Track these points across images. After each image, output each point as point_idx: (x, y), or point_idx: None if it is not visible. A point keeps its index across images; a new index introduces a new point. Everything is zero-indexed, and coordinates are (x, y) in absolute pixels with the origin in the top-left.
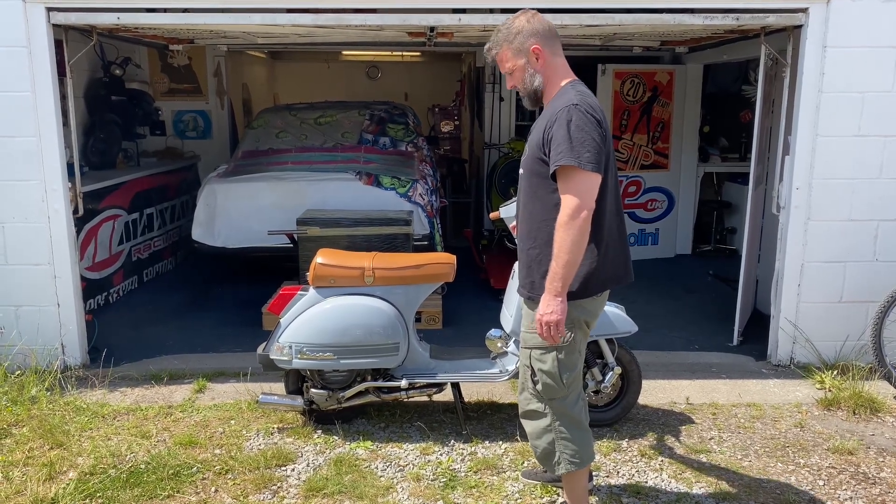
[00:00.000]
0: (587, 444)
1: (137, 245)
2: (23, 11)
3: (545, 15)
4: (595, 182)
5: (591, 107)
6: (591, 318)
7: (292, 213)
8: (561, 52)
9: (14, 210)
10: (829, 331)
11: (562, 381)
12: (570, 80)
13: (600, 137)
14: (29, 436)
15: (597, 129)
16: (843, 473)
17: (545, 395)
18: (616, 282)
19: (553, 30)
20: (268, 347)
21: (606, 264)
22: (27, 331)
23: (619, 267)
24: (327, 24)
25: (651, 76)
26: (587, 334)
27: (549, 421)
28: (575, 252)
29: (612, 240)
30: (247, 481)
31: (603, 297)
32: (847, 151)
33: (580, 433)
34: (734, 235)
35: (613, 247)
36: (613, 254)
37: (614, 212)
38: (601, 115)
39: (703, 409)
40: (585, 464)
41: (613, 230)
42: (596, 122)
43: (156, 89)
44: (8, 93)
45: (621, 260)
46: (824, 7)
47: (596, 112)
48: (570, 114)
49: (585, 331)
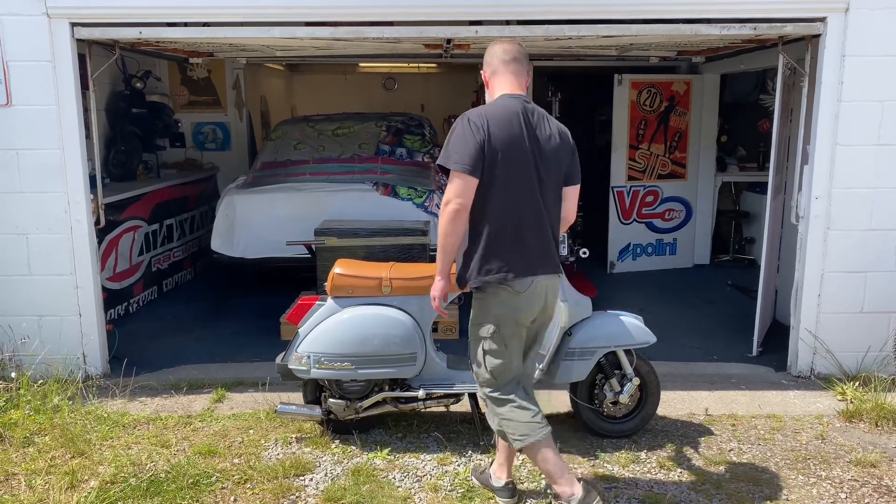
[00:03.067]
0: (528, 422)
1: (157, 256)
2: (48, 26)
3: (562, 26)
4: (464, 181)
5: (482, 115)
6: (513, 312)
7: (310, 224)
8: (506, 71)
9: (38, 221)
10: (850, 341)
11: (488, 371)
12: (502, 94)
13: (479, 143)
14: (51, 444)
15: (476, 136)
16: (866, 486)
17: (480, 383)
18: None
19: (500, 54)
20: (286, 357)
21: (491, 256)
22: (49, 340)
23: (515, 262)
24: (345, 37)
25: (668, 86)
26: (518, 334)
27: (491, 406)
28: (444, 239)
29: (504, 234)
30: (265, 491)
31: (527, 296)
32: (867, 160)
33: (520, 413)
34: (753, 245)
35: (505, 240)
36: (504, 248)
37: (514, 209)
38: (500, 122)
39: (722, 421)
40: (532, 439)
41: (509, 226)
42: (477, 129)
43: (176, 102)
44: (33, 106)
45: (519, 255)
46: (842, 16)
47: (483, 119)
48: (457, 123)
49: (513, 328)
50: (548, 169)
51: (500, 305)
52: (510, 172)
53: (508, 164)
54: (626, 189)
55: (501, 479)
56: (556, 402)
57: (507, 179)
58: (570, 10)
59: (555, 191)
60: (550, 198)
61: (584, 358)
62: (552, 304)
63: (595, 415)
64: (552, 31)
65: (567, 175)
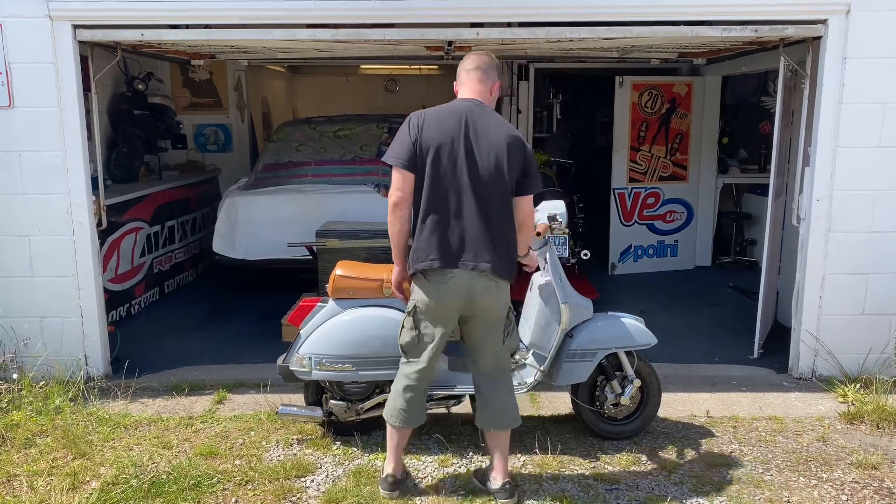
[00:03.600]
0: (398, 407)
1: (159, 257)
2: (50, 29)
3: (563, 29)
4: (399, 175)
5: (422, 115)
6: (429, 300)
7: (312, 226)
8: (467, 79)
9: (40, 223)
10: (851, 343)
11: (399, 341)
12: (459, 98)
13: (413, 140)
14: (53, 445)
15: (410, 133)
16: (867, 488)
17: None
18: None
19: (465, 65)
20: (287, 359)
21: (420, 248)
22: (51, 341)
23: (438, 253)
24: (346, 38)
25: (669, 88)
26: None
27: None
28: (390, 230)
29: (432, 226)
30: (266, 492)
31: (445, 288)
32: (868, 162)
33: (396, 396)
34: (754, 247)
35: (432, 232)
36: (430, 239)
37: (442, 203)
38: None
39: (723, 423)
40: (391, 421)
41: (437, 219)
42: (413, 126)
43: (177, 103)
44: (35, 108)
45: (442, 247)
46: (844, 18)
47: (421, 118)
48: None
49: (430, 315)
50: (488, 170)
51: (421, 291)
52: (440, 169)
53: (439, 160)
54: (627, 191)
55: (498, 480)
56: (558, 403)
57: (437, 175)
58: (571, 13)
59: (500, 194)
60: (493, 200)
61: (586, 360)
62: (487, 305)
63: (596, 416)
64: (553, 33)
65: (518, 184)
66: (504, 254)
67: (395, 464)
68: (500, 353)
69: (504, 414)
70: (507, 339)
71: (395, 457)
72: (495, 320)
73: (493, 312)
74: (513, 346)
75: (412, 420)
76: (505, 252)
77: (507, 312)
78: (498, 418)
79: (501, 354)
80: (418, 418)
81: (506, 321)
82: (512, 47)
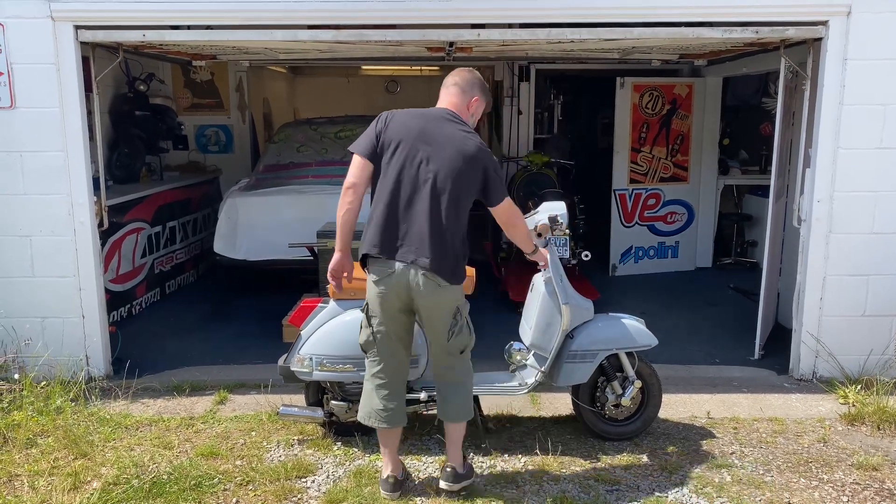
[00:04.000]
0: (374, 408)
1: (160, 258)
2: (52, 29)
3: (563, 30)
4: (355, 162)
5: (391, 113)
6: (374, 292)
7: (313, 226)
8: (445, 93)
9: (41, 223)
10: (852, 345)
11: (359, 340)
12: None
13: (376, 133)
14: (54, 445)
15: (375, 127)
16: (868, 489)
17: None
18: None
19: (446, 80)
20: (288, 359)
21: (366, 234)
22: (52, 342)
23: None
24: (348, 39)
25: (670, 89)
26: (384, 317)
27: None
28: (337, 214)
29: (381, 217)
30: (267, 493)
31: (386, 279)
32: (869, 164)
33: (372, 395)
34: (755, 248)
35: (380, 222)
36: (378, 229)
37: (393, 197)
38: (401, 120)
39: (724, 424)
40: (369, 423)
41: (386, 211)
42: (380, 121)
43: (179, 104)
44: (37, 108)
45: (387, 238)
46: (844, 20)
47: (390, 116)
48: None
49: (377, 309)
50: (444, 175)
51: (370, 283)
52: (397, 163)
53: (397, 155)
54: (628, 192)
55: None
56: (559, 404)
57: (393, 168)
58: (572, 14)
59: (453, 200)
60: (445, 203)
61: (586, 360)
62: (427, 304)
63: (597, 417)
64: (554, 34)
65: (483, 196)
66: (449, 256)
67: (393, 465)
68: (449, 349)
69: (450, 407)
70: (452, 338)
71: (389, 459)
72: (438, 319)
73: (436, 312)
74: (461, 345)
75: (392, 420)
76: (450, 254)
77: (454, 313)
78: (445, 411)
79: (450, 351)
80: (398, 419)
81: (452, 321)
82: (513, 48)
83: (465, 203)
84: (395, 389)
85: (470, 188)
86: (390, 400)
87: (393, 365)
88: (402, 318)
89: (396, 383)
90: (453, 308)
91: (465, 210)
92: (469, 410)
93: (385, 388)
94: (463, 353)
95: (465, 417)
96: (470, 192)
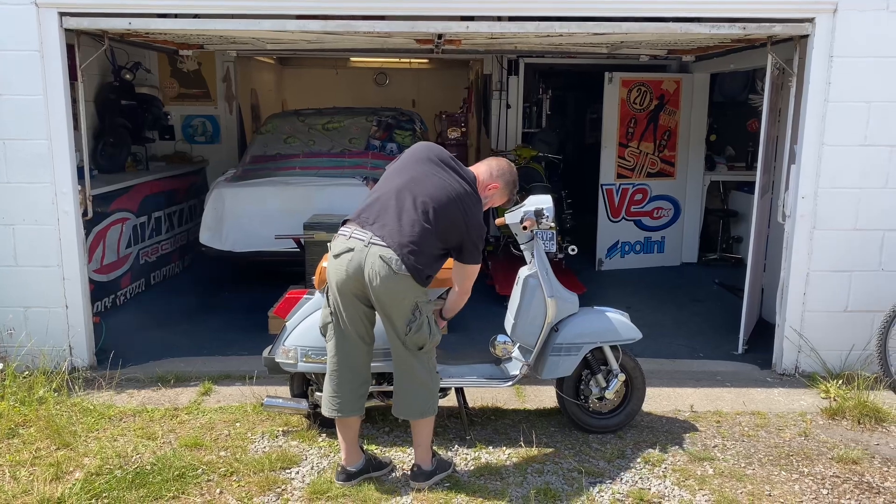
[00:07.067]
0: (326, 394)
1: (145, 248)
2: (36, 16)
3: (552, 23)
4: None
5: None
6: (330, 284)
7: (300, 218)
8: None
9: (24, 212)
10: (834, 340)
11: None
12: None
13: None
14: (36, 436)
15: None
16: (847, 483)
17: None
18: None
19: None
20: (273, 350)
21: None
22: (36, 332)
23: (356, 211)
24: (336, 30)
25: (658, 84)
26: (341, 300)
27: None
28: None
29: (363, 204)
30: (251, 483)
31: (334, 270)
32: (853, 161)
33: (327, 385)
34: (740, 244)
35: (365, 203)
36: (360, 207)
37: (390, 195)
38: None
39: (707, 417)
40: (329, 413)
41: (368, 202)
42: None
43: (165, 94)
44: (20, 96)
45: (359, 211)
46: (831, 17)
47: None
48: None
49: (334, 291)
50: (436, 215)
51: (329, 257)
52: (393, 170)
53: (397, 166)
54: (615, 187)
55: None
56: (543, 397)
57: (401, 178)
58: (561, 7)
59: (436, 231)
60: (432, 227)
61: (571, 354)
62: (380, 294)
63: (581, 410)
64: (542, 27)
65: (455, 251)
66: (412, 251)
67: (348, 456)
68: (407, 344)
69: (403, 404)
70: (410, 333)
71: (344, 448)
72: (393, 311)
73: (389, 300)
74: (420, 341)
75: (344, 409)
76: (414, 251)
77: (412, 308)
78: (398, 406)
79: (409, 347)
80: (349, 408)
81: (410, 317)
82: (502, 41)
83: (442, 243)
84: (347, 377)
85: (449, 239)
86: (341, 387)
87: (345, 350)
88: (358, 304)
89: (349, 370)
90: (411, 302)
91: (437, 247)
92: (425, 410)
93: (337, 376)
94: (423, 351)
95: (418, 416)
96: (448, 242)
